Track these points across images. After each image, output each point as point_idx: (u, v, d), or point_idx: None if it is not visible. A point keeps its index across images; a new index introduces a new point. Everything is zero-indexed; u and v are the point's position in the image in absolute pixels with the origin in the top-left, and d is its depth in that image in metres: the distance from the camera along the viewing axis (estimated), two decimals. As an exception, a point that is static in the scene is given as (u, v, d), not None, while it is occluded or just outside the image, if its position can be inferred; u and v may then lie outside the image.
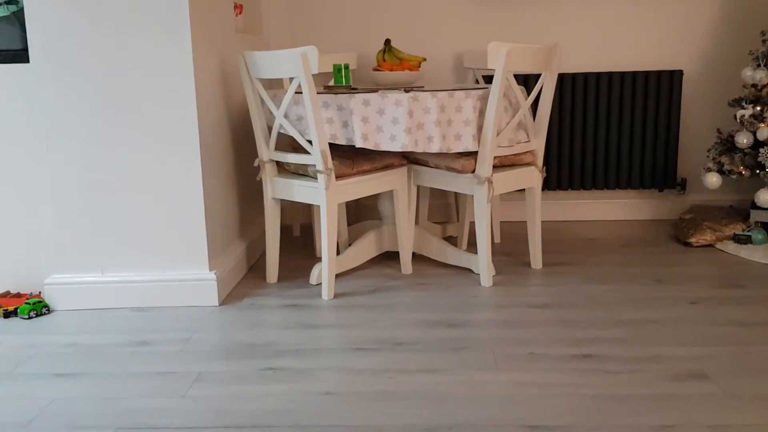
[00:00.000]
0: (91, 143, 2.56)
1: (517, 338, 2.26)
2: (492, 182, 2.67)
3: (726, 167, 3.30)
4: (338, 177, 2.63)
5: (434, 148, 2.59)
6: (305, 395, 1.92)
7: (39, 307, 2.61)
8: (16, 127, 2.66)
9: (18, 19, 2.62)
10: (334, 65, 2.99)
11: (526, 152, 2.86)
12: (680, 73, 3.60)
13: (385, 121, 2.58)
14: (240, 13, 3.20)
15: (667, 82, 3.60)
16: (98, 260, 2.65)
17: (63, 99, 2.54)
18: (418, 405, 1.85)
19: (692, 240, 3.27)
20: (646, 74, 3.61)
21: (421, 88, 2.80)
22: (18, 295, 2.71)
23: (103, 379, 2.07)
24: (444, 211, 3.90)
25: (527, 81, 3.61)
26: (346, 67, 3.01)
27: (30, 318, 2.59)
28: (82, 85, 2.52)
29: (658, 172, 3.70)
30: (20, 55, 2.59)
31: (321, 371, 2.07)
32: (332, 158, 2.68)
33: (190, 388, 1.99)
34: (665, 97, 3.61)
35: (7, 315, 2.61)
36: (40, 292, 2.76)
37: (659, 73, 3.60)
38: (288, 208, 3.80)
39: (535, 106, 3.44)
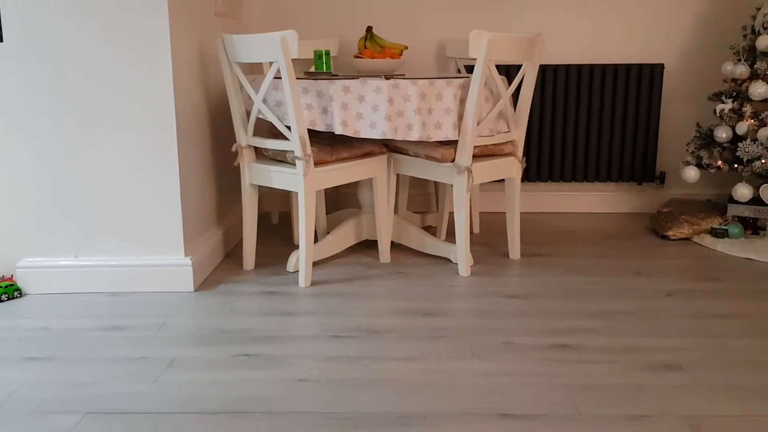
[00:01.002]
0: (65, 125, 2.52)
1: (493, 328, 2.26)
2: (471, 172, 2.65)
3: (705, 161, 3.32)
4: (317, 164, 2.61)
5: (414, 136, 2.58)
6: (279, 382, 1.91)
7: (11, 291, 2.57)
8: (-12, 107, 2.61)
9: (-8, -4, 2.56)
10: (315, 51, 2.96)
11: (507, 142, 2.85)
12: (661, 66, 3.60)
13: (365, 108, 2.55)
14: (220, -4, 3.16)
15: (648, 76, 3.61)
16: (72, 244, 2.61)
17: (36, 80, 2.49)
18: (392, 393, 1.84)
19: (670, 233, 3.28)
20: (628, 67, 3.61)
21: (402, 76, 2.78)
22: (-11, 279, 2.67)
23: (74, 363, 2.04)
24: (424, 201, 3.89)
25: (509, 71, 3.60)
26: (327, 53, 2.99)
27: (1, 301, 2.55)
28: (56, 66, 2.48)
29: (638, 165, 3.71)
30: (-6, 34, 2.54)
31: (296, 358, 2.05)
32: (311, 145, 2.66)
33: (162, 374, 1.96)
34: (646, 91, 3.62)
35: (-22, 298, 2.58)
36: (12, 276, 2.71)
37: (640, 67, 3.61)
38: (266, 195, 3.77)
39: (516, 96, 3.43)
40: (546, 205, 3.88)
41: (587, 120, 3.67)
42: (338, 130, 2.53)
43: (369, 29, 3.25)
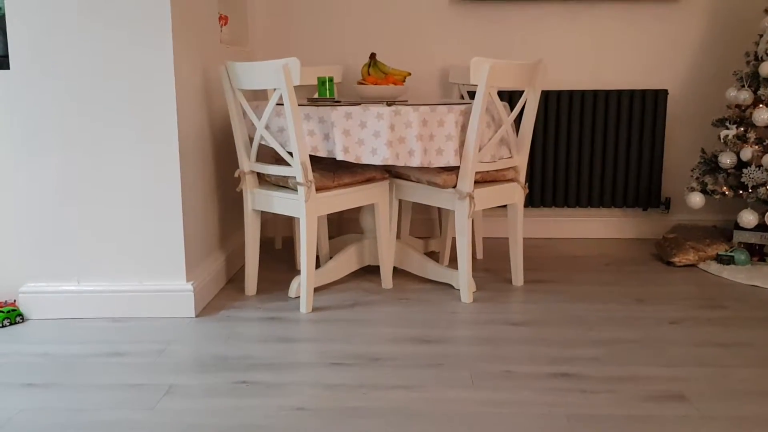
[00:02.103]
0: (70, 151, 2.54)
1: (494, 356, 2.24)
2: (473, 198, 2.65)
3: (709, 187, 3.30)
4: (319, 189, 2.61)
5: (415, 162, 2.58)
6: (277, 410, 1.89)
7: (13, 316, 2.57)
8: (-7, 133, 2.63)
9: (0, 24, 2.60)
10: (319, 78, 2.98)
11: (509, 168, 2.85)
12: (665, 92, 3.60)
13: (366, 134, 2.56)
14: (225, 24, 3.19)
15: (652, 102, 3.61)
16: (74, 269, 2.62)
17: (42, 107, 2.51)
18: (390, 422, 1.82)
19: (675, 260, 3.26)
20: (632, 93, 3.62)
21: (404, 102, 2.79)
22: (-8, 303, 2.68)
23: (73, 390, 2.03)
24: (427, 226, 3.89)
25: (512, 97, 3.61)
26: (330, 80, 3.00)
27: (3, 326, 2.55)
28: (62, 94, 2.50)
29: (643, 191, 3.70)
30: (1, 62, 2.57)
31: (294, 386, 2.04)
32: (313, 171, 2.67)
33: (159, 401, 1.95)
34: (650, 117, 3.62)
35: (-20, 323, 2.58)
36: (15, 300, 2.72)
37: (644, 93, 3.61)
38: (270, 220, 3.78)
39: (518, 122, 3.43)
40: (550, 230, 3.87)
41: (591, 146, 3.67)
42: (340, 156, 2.54)
43: (372, 56, 3.27)
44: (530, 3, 3.66)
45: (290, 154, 2.60)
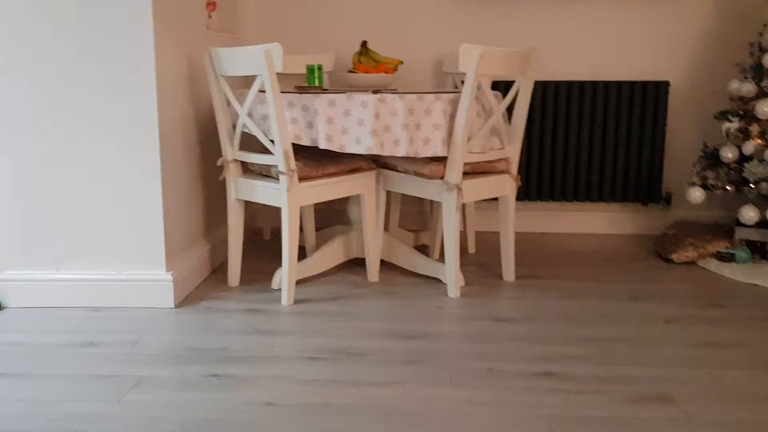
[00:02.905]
0: (47, 137, 2.47)
1: (477, 353, 2.16)
2: (461, 189, 2.57)
3: (710, 182, 3.21)
4: (302, 179, 2.54)
5: (401, 151, 2.50)
6: (245, 405, 1.82)
7: (-12, 304, 2.52)
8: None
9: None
10: (307, 66, 2.91)
11: (500, 159, 2.76)
12: (666, 84, 3.51)
13: (350, 122, 2.48)
14: (213, 9, 3.11)
15: (653, 93, 3.51)
16: (53, 257, 2.56)
17: (16, 90, 2.44)
18: (361, 419, 1.75)
19: (674, 256, 3.17)
20: (632, 84, 3.52)
21: (394, 92, 2.71)
22: (-31, 291, 2.62)
23: (40, 380, 1.97)
24: (419, 219, 3.80)
25: (508, 88, 3.52)
26: (319, 68, 2.93)
27: (-22, 315, 2.49)
28: (39, 78, 2.43)
29: (643, 185, 3.61)
30: (-23, 43, 2.50)
31: (266, 380, 1.97)
32: (298, 160, 2.59)
33: (126, 394, 1.89)
34: (651, 109, 3.52)
35: (-46, 311, 2.52)
36: (-8, 289, 2.66)
37: (645, 84, 3.51)
38: (260, 211, 3.71)
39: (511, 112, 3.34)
40: (547, 225, 3.78)
41: (590, 138, 3.58)
42: (323, 145, 2.46)
43: (364, 44, 3.19)
44: (530, -9, 3.57)
45: (273, 142, 2.53)
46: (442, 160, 2.63)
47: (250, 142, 2.89)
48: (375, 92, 2.56)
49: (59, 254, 2.55)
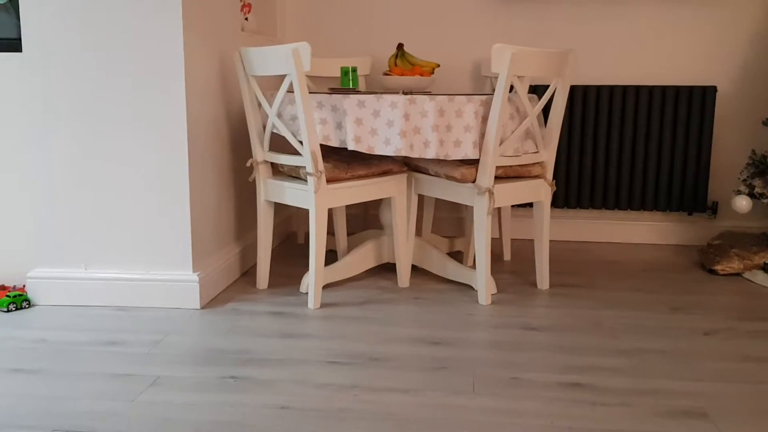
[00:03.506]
0: (80, 136, 2.49)
1: (503, 361, 2.09)
2: (493, 193, 2.50)
3: (757, 190, 3.07)
4: (331, 181, 2.50)
5: (430, 153, 2.44)
6: (260, 408, 1.79)
7: (19, 301, 2.54)
8: (5, 118, 2.61)
9: (14, 7, 2.57)
10: (342, 68, 2.89)
11: (535, 164, 2.68)
12: (713, 89, 3.37)
13: (379, 123, 2.44)
14: (249, 11, 3.11)
15: (700, 99, 3.38)
16: (82, 256, 2.57)
17: (53, 91, 2.47)
18: (375, 427, 1.69)
19: (718, 267, 3.04)
20: (677, 89, 3.40)
21: (429, 94, 2.66)
22: (3, 288, 2.65)
23: (59, 377, 1.97)
24: (455, 225, 3.73)
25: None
26: (354, 69, 2.90)
27: (9, 311, 2.52)
28: (72, 78, 2.45)
29: (688, 194, 3.48)
30: (14, 44, 2.54)
31: (284, 383, 1.93)
32: (328, 161, 2.56)
33: (142, 393, 1.87)
34: (697, 115, 3.39)
35: (-13, 307, 2.56)
36: (24, 286, 2.69)
37: (691, 89, 3.39)
38: (294, 215, 3.69)
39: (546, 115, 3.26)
40: (587, 233, 3.67)
41: (633, 144, 3.47)
42: (351, 146, 2.42)
43: (400, 46, 3.14)
44: (571, -6, 3.49)
45: (301, 143, 2.50)
46: (474, 163, 2.56)
47: (281, 144, 2.87)
48: (405, 93, 2.51)
49: (88, 253, 2.57)
